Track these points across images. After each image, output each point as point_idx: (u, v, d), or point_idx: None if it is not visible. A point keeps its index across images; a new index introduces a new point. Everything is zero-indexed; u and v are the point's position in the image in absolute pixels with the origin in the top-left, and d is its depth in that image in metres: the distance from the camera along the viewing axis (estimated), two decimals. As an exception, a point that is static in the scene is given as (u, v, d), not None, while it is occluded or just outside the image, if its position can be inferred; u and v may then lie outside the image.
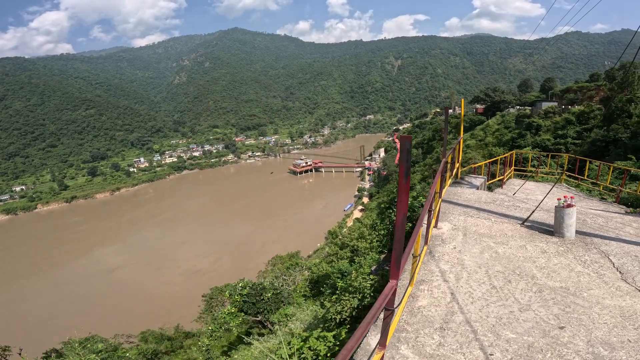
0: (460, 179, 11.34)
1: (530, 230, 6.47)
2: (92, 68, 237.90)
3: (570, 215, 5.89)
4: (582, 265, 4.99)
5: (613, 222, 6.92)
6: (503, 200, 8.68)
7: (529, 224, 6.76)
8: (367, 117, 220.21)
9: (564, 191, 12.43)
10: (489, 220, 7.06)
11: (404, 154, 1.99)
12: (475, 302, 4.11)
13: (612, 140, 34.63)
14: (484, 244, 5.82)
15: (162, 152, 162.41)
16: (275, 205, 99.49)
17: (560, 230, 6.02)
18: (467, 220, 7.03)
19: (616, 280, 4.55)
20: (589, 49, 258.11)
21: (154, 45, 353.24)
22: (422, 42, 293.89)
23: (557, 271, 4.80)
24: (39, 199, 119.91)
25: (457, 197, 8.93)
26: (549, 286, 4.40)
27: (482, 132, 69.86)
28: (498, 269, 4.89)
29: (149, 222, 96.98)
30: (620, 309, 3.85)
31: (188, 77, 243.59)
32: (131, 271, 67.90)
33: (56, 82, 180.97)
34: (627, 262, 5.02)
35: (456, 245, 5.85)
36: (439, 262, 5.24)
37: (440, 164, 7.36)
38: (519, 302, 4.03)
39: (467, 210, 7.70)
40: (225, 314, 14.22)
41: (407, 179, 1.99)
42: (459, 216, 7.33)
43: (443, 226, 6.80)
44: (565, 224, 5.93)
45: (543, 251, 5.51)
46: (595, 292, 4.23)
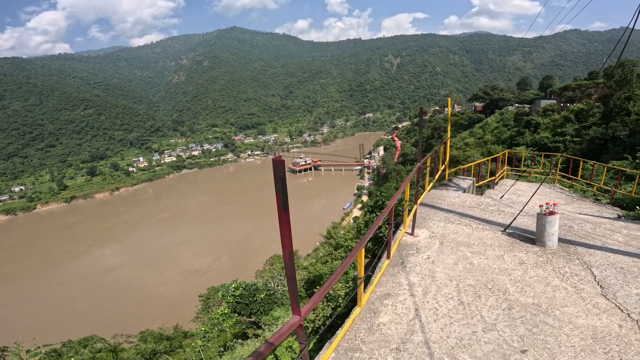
0: (448, 180, 10.92)
1: (512, 238, 6.16)
2: (90, 68, 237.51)
3: (552, 223, 5.56)
4: (560, 278, 4.69)
5: (601, 229, 6.58)
6: (488, 205, 8.30)
7: (511, 230, 6.44)
8: (366, 116, 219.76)
9: (557, 192, 12.15)
10: (469, 227, 6.74)
11: (278, 182, 1.51)
12: (439, 319, 3.85)
13: (610, 138, 34.39)
14: (459, 254, 5.54)
15: (161, 152, 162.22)
16: (274, 204, 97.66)
17: (542, 239, 5.70)
18: (447, 227, 6.72)
19: (595, 295, 4.24)
20: (587, 47, 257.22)
21: (152, 44, 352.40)
22: (421, 40, 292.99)
23: (532, 285, 4.51)
24: (38, 199, 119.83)
25: (440, 200, 8.54)
26: (520, 302, 4.12)
27: (481, 130, 69.62)
28: (470, 282, 4.63)
29: (148, 221, 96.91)
30: (594, 330, 3.57)
31: (187, 76, 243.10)
32: (130, 271, 67.91)
33: (54, 82, 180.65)
34: (611, 274, 4.71)
35: (430, 255, 5.57)
36: (409, 274, 4.98)
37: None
38: (484, 321, 3.77)
39: (449, 216, 7.36)
40: (218, 315, 14.12)
41: (286, 212, 1.54)
42: (439, 222, 7.00)
43: (420, 233, 6.47)
44: (547, 232, 5.61)
45: (521, 262, 5.21)
46: (569, 310, 3.95)
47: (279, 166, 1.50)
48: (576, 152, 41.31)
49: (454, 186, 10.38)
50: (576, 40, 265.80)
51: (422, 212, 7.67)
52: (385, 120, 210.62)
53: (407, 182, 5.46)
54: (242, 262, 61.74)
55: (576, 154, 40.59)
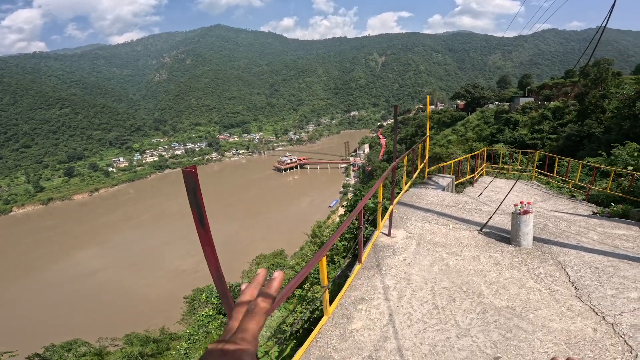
0: (428, 178, 10.87)
1: (488, 237, 6.10)
2: (67, 66, 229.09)
3: (527, 222, 5.50)
4: (534, 279, 4.61)
5: (576, 227, 6.55)
6: (466, 203, 8.27)
7: (488, 230, 6.40)
8: (351, 114, 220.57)
9: (534, 189, 12.20)
10: (447, 226, 6.70)
11: (191, 195, 1.36)
12: (413, 325, 3.74)
13: (586, 135, 35.44)
14: (436, 255, 5.47)
15: (142, 151, 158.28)
16: (260, 203, 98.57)
17: (517, 239, 5.65)
18: (424, 227, 6.65)
19: (569, 297, 4.14)
20: (564, 46, 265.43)
21: (133, 42, 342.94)
22: (405, 39, 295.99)
23: (506, 287, 4.43)
24: (14, 201, 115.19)
25: (419, 199, 8.47)
26: (494, 306, 4.03)
27: (463, 127, 70.82)
28: (445, 285, 4.55)
29: (130, 222, 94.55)
30: (567, 334, 3.47)
31: (169, 75, 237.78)
32: (113, 273, 66.21)
33: (29, 81, 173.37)
34: (585, 275, 4.63)
35: (407, 256, 5.48)
36: (384, 277, 4.86)
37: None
38: (458, 326, 3.67)
39: (427, 216, 7.31)
40: (203, 317, 13.83)
41: (204, 227, 1.44)
42: (416, 222, 6.94)
43: (397, 234, 6.36)
44: (522, 231, 5.56)
45: (496, 263, 5.14)
46: (543, 313, 3.85)
47: (189, 177, 1.33)
48: (553, 148, 42.51)
49: (433, 184, 10.33)
50: (554, 40, 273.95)
51: (400, 211, 7.58)
52: (370, 118, 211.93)
53: (380, 182, 5.29)
54: (228, 262, 60.86)
55: (553, 150, 41.76)
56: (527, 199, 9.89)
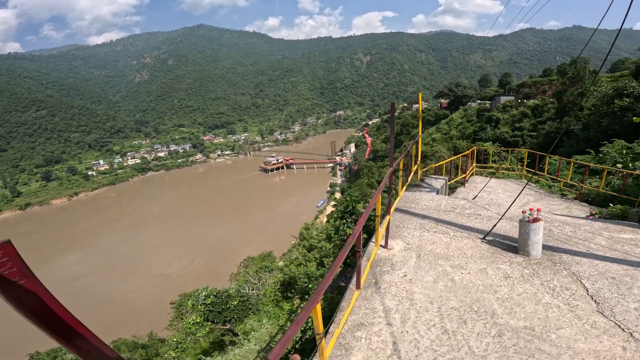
0: (420, 181, 10.44)
1: (492, 247, 5.72)
2: (43, 67, 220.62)
3: (537, 231, 5.13)
4: (550, 294, 4.25)
5: (582, 232, 6.24)
6: (464, 208, 7.88)
7: (491, 238, 6.02)
8: (337, 113, 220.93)
9: (526, 188, 11.86)
10: (447, 235, 6.30)
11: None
12: (422, 354, 3.34)
13: (565, 132, 36.25)
14: (439, 269, 5.05)
15: (123, 154, 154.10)
16: (247, 204, 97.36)
17: (525, 248, 5.28)
18: (423, 236, 6.23)
19: (591, 313, 3.79)
20: (542, 45, 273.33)
21: (112, 42, 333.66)
22: (389, 39, 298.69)
23: (521, 304, 4.07)
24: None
25: (414, 204, 8.06)
26: (511, 327, 3.66)
27: (446, 125, 71.72)
28: (453, 305, 4.15)
29: (112, 227, 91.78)
30: (596, 355, 3.15)
31: (150, 75, 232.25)
32: (96, 279, 64.16)
33: (3, 83, 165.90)
34: (603, 286, 4.28)
35: (407, 272, 5.04)
36: (384, 297, 4.42)
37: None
38: (473, 353, 3.30)
39: (424, 223, 6.88)
40: (190, 324, 13.38)
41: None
42: (414, 231, 6.50)
43: (395, 245, 5.90)
44: (531, 241, 5.18)
45: (506, 276, 4.74)
46: (566, 333, 3.51)
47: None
48: (533, 145, 43.38)
49: (427, 187, 9.93)
50: (532, 39, 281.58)
51: (395, 218, 7.15)
52: (355, 117, 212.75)
53: (378, 194, 4.80)
54: (215, 265, 59.92)
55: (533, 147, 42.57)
56: (519, 198, 9.38)
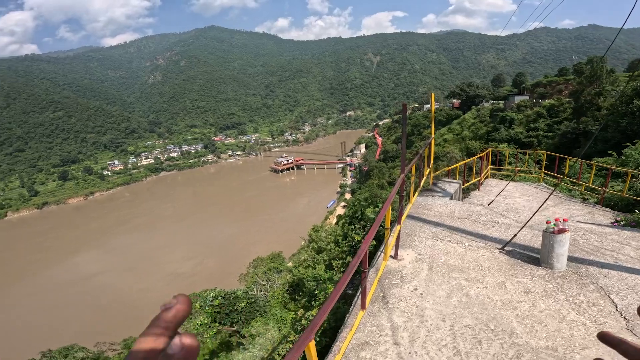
0: (433, 184, 9.97)
1: (512, 258, 5.34)
2: (59, 69, 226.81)
3: (562, 242, 4.76)
4: (576, 310, 3.92)
5: (609, 241, 5.82)
6: (479, 215, 7.38)
7: (510, 248, 5.62)
8: (347, 114, 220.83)
9: (544, 192, 11.27)
10: (461, 244, 5.91)
11: None
12: (430, 379, 3.16)
13: (582, 132, 35.74)
14: (453, 283, 4.72)
15: (137, 154, 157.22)
16: (257, 204, 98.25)
17: (549, 261, 4.91)
18: (436, 246, 5.88)
19: (620, 331, 3.49)
20: (557, 44, 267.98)
21: (126, 44, 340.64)
22: (400, 39, 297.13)
23: (543, 322, 3.76)
24: (8, 206, 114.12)
25: (426, 210, 7.62)
26: (531, 347, 3.38)
27: (458, 126, 71.15)
28: (467, 322, 3.85)
29: (126, 226, 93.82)
30: None
31: (163, 77, 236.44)
32: (111, 277, 65.70)
33: (21, 84, 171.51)
34: (633, 302, 3.94)
35: (418, 285, 4.72)
36: (392, 313, 4.12)
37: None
38: (487, 378, 3.08)
39: (437, 231, 6.48)
40: (197, 326, 13.55)
41: None
42: (426, 240, 6.11)
43: (405, 255, 5.53)
44: (556, 253, 4.82)
45: (527, 291, 4.39)
46: (591, 353, 3.20)
47: None
48: (549, 146, 42.84)
49: (440, 192, 9.45)
50: (546, 38, 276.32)
51: (406, 226, 6.74)
52: (366, 117, 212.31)
53: (388, 204, 4.44)
54: (226, 264, 60.71)
55: (549, 148, 42.05)
56: (538, 204, 8.97)
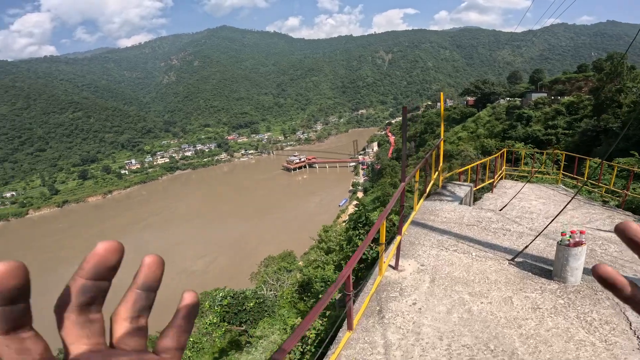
0: (442, 187, 9.34)
1: (521, 270, 4.99)
2: (78, 70, 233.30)
3: (578, 256, 4.39)
4: (586, 329, 3.65)
5: (629, 252, 5.02)
6: (490, 221, 6.89)
7: (521, 259, 5.25)
8: (359, 112, 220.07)
9: (562, 194, 10.57)
10: (468, 254, 5.50)
11: None
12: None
13: (602, 130, 34.94)
14: (455, 297, 4.39)
15: (153, 153, 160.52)
16: (269, 203, 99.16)
17: (562, 274, 4.54)
18: (440, 256, 5.50)
19: (631, 351, 3.22)
20: (575, 40, 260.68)
21: (141, 45, 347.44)
22: (411, 36, 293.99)
23: (548, 341, 3.51)
24: (30, 204, 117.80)
25: (433, 216, 7.13)
26: None
27: (473, 124, 70.29)
28: (466, 342, 3.61)
29: (142, 223, 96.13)
30: None
31: (177, 77, 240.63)
32: (126, 275, 65.02)
33: (41, 85, 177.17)
34: None
35: (417, 299, 4.41)
36: (387, 329, 3.90)
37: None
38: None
39: (443, 239, 6.06)
40: (207, 324, 13.77)
41: None
42: (430, 249, 5.74)
43: (407, 266, 5.20)
44: (570, 266, 4.45)
45: (535, 307, 4.08)
46: None
47: None
48: (568, 144, 41.98)
49: (449, 195, 8.82)
50: (564, 34, 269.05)
51: (410, 233, 6.33)
52: (378, 116, 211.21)
53: (382, 219, 4.15)
54: (238, 262, 61.57)
55: (569, 146, 41.22)
56: (555, 207, 8.74)
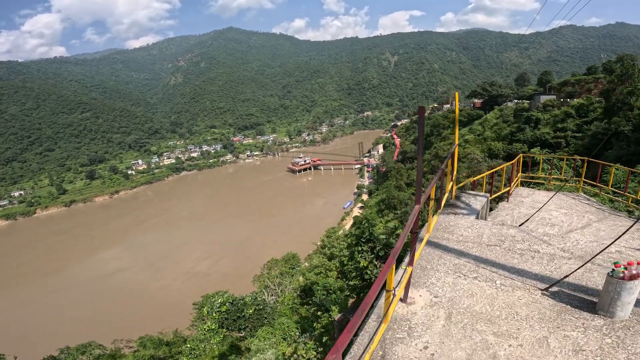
0: (456, 198, 8.43)
1: (558, 302, 4.16)
2: (87, 70, 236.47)
3: (633, 290, 3.74)
4: None
5: None
6: (514, 240, 5.85)
7: (556, 288, 4.43)
8: (364, 114, 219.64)
9: (584, 203, 9.67)
10: (491, 282, 4.63)
11: None
12: None
13: (613, 133, 34.28)
14: (477, 339, 3.64)
15: (159, 154, 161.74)
16: (274, 204, 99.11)
17: (611, 309, 3.82)
18: (458, 284, 4.65)
19: None
20: (584, 42, 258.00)
21: (149, 46, 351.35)
22: (418, 38, 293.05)
23: None
24: (37, 203, 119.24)
25: (447, 234, 6.22)
26: None
27: (480, 126, 69.61)
28: None
29: (147, 223, 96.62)
30: None
31: (184, 78, 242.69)
32: (131, 274, 67.64)
33: (51, 86, 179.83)
34: None
35: (430, 341, 3.68)
36: None
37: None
38: None
39: (460, 263, 5.19)
40: (205, 331, 13.48)
41: None
42: (446, 275, 4.90)
43: (417, 298, 4.43)
44: (622, 301, 3.76)
45: (576, 349, 3.40)
46: None
47: None
48: (578, 147, 41.30)
49: (464, 208, 7.93)
50: (572, 36, 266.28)
51: (422, 256, 5.54)
52: (384, 118, 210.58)
53: (392, 261, 3.33)
54: (240, 265, 61.39)
55: (578, 149, 40.53)
56: (578, 219, 8.06)
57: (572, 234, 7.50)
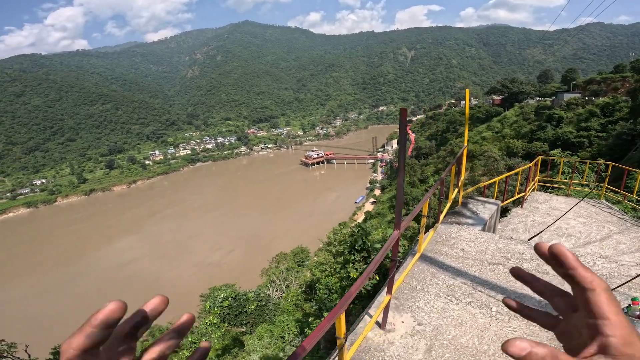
0: (462, 205, 7.52)
1: None
2: (108, 63, 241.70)
3: None
4: None
5: None
6: (522, 258, 5.09)
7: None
8: (379, 109, 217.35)
9: (605, 212, 8.94)
10: (487, 309, 3.93)
11: None
12: None
13: (639, 133, 32.84)
14: None
15: (176, 145, 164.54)
16: (286, 197, 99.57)
17: None
18: (448, 310, 3.96)
19: None
20: (611, 40, 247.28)
21: (167, 39, 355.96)
22: (436, 33, 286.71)
23: None
24: (58, 192, 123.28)
25: (447, 248, 5.44)
26: None
27: (499, 124, 67.80)
28: None
29: (162, 213, 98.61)
30: None
31: (201, 71, 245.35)
32: (145, 264, 69.08)
33: (73, 78, 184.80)
34: None
35: None
36: None
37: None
38: None
39: (455, 285, 4.43)
40: (207, 325, 13.55)
41: None
42: (436, 298, 4.19)
43: (398, 324, 3.84)
44: None
45: None
46: None
47: None
48: (601, 147, 39.75)
49: (470, 216, 7.08)
50: (600, 34, 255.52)
51: (413, 272, 4.86)
52: (398, 113, 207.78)
53: (356, 290, 2.72)
54: (250, 257, 61.94)
55: (602, 149, 39.01)
56: (598, 229, 7.69)
57: (590, 246, 6.94)
